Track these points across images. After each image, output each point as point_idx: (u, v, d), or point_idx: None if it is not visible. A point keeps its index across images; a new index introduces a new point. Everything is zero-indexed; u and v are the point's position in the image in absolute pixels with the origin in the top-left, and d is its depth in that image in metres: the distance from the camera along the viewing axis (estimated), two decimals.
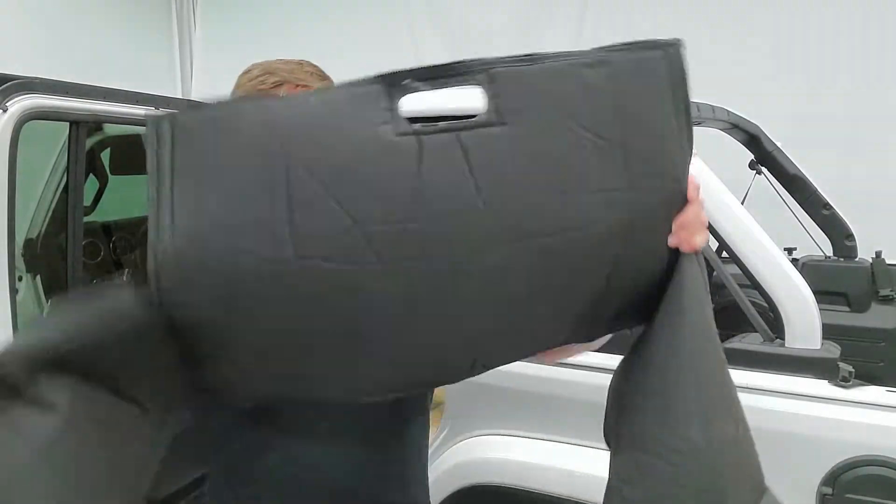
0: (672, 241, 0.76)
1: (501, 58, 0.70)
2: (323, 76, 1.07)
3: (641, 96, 0.73)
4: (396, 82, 0.69)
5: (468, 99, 0.70)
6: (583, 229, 0.71)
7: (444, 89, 0.69)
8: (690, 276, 0.75)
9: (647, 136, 0.73)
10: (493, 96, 0.69)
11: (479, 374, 0.80)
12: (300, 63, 1.06)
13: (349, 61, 1.10)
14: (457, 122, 0.68)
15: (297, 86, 1.02)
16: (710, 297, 0.77)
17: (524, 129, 0.69)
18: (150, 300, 0.66)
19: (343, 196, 0.66)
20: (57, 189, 2.15)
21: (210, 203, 0.66)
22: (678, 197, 0.75)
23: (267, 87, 1.01)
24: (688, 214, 0.76)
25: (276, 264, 0.66)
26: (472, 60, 0.70)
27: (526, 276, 0.71)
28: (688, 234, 0.75)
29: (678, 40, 0.75)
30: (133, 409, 0.68)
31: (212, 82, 5.12)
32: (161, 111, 0.67)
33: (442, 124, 0.68)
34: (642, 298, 0.78)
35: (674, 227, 0.75)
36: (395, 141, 0.67)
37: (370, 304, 0.69)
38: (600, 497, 0.77)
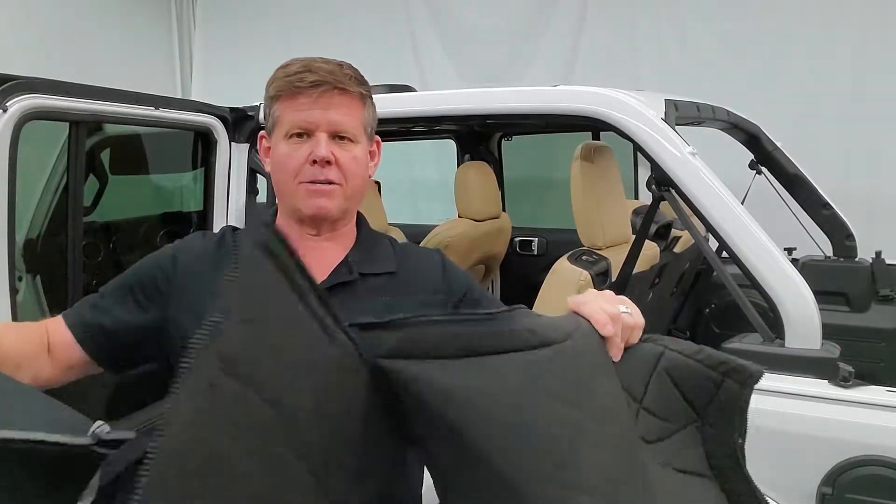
0: None
1: None
2: (361, 80, 1.05)
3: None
4: None
5: None
6: None
7: None
8: None
9: None
10: None
11: None
12: (340, 65, 1.03)
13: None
14: None
15: (336, 88, 1.00)
16: None
17: None
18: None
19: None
20: (57, 189, 2.14)
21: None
22: None
23: (305, 84, 0.99)
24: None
25: None
26: None
27: None
28: None
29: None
30: None
31: (211, 82, 5.12)
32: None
33: None
34: None
35: None
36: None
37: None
38: None
